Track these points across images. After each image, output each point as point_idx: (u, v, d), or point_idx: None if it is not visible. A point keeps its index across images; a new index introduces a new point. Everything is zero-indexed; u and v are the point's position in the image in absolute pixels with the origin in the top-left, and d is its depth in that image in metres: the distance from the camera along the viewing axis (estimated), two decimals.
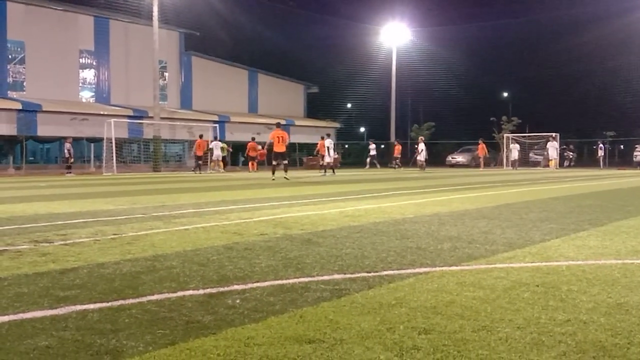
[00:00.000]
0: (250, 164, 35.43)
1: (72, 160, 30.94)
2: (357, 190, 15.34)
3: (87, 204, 11.03)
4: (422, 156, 35.60)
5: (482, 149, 40.87)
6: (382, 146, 51.48)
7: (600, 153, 44.38)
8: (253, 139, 36.73)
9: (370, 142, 42.81)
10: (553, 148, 39.76)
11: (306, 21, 64.22)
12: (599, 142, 46.03)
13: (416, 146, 36.90)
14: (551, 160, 39.69)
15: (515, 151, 41.30)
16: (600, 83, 60.01)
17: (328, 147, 29.29)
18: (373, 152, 40.86)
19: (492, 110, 52.95)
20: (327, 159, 29.23)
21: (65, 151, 30.94)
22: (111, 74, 41.06)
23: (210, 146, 34.25)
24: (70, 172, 29.54)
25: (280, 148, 22.11)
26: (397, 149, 39.62)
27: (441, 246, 5.99)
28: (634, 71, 57.06)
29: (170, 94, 44.70)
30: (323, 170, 29.23)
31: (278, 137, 22.15)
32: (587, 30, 55.56)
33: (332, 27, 61.72)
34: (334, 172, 29.19)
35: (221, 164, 34.36)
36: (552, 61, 63.07)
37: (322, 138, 31.79)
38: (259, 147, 35.35)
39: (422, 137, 38.17)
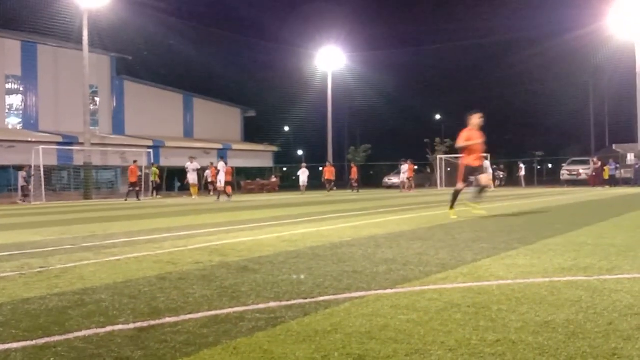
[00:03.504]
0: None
1: (30, 187, 30.19)
2: (295, 214, 15.32)
3: (12, 236, 10.57)
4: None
5: (410, 170, 39.41)
6: (320, 169, 51.83)
7: (522, 172, 45.88)
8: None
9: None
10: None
11: (242, 46, 64.38)
12: (519, 162, 47.55)
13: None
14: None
15: (403, 173, 39.70)
16: (529, 105, 62.70)
17: (219, 171, 28.43)
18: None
19: (426, 132, 54.36)
20: (218, 184, 28.49)
21: (21, 179, 30.62)
22: (39, 99, 39.87)
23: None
24: (23, 200, 29.32)
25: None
26: (329, 171, 39.14)
27: (377, 269, 6.03)
28: (559, 94, 59.92)
29: (102, 119, 43.73)
30: (217, 196, 28.86)
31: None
32: (517, 54, 58.19)
33: (268, 52, 62.32)
34: (218, 198, 28.33)
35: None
36: (483, 84, 65.58)
37: (211, 164, 32.36)
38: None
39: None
